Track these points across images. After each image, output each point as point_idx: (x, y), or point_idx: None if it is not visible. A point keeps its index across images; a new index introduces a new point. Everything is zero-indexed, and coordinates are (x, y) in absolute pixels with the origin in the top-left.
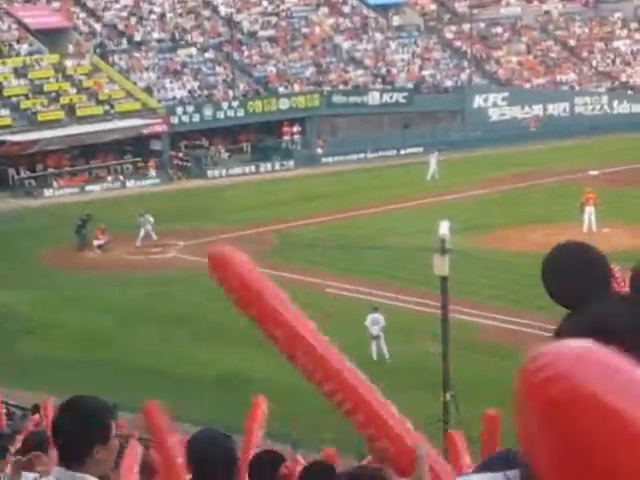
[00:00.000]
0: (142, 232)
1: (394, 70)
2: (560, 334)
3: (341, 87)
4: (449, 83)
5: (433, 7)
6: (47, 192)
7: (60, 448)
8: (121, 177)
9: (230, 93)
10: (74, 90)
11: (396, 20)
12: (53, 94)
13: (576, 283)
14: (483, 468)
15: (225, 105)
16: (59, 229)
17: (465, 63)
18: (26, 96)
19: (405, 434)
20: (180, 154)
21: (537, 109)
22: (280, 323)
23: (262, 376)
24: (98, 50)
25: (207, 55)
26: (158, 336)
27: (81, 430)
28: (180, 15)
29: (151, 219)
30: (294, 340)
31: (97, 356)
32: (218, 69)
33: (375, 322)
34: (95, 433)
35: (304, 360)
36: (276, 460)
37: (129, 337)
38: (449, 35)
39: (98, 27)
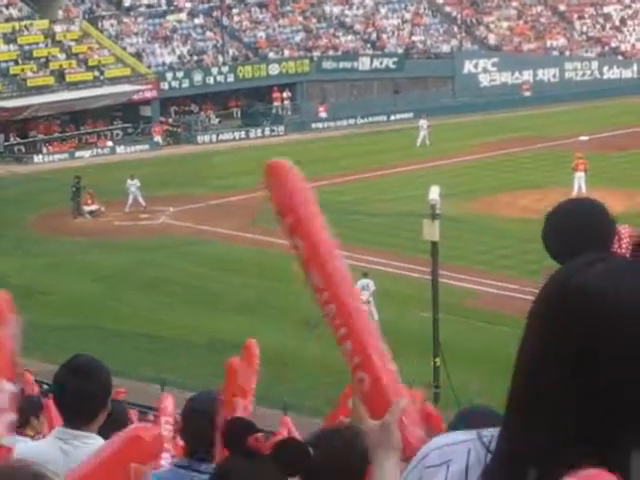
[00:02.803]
0: (130, 198)
1: (384, 35)
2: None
3: (331, 53)
4: (439, 48)
5: None
6: (36, 158)
7: (65, 408)
8: (110, 143)
9: (220, 59)
10: (63, 56)
11: None
12: (42, 60)
13: (571, 240)
14: (458, 422)
15: (215, 71)
16: (49, 195)
17: (455, 29)
18: (15, 62)
19: (386, 377)
20: (170, 120)
21: (527, 75)
22: (306, 235)
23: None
24: (87, 16)
25: (197, 21)
26: (147, 302)
27: (91, 391)
28: None
29: (138, 183)
30: (313, 255)
31: (86, 322)
32: (208, 34)
33: (365, 287)
34: (103, 394)
35: (316, 276)
36: (247, 429)
37: (118, 303)
38: (439, 0)
39: None
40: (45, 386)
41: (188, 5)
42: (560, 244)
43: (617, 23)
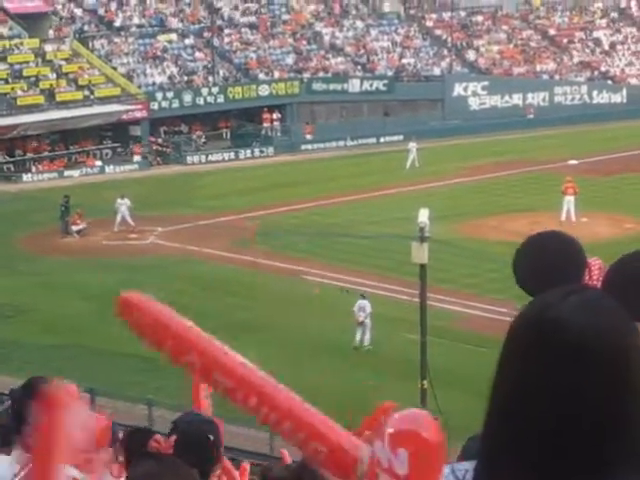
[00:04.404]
0: (119, 217)
1: (374, 58)
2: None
3: (321, 74)
4: (429, 71)
5: None
6: (26, 177)
7: (22, 432)
8: (100, 162)
9: (210, 79)
10: (54, 75)
11: (377, 8)
12: (32, 79)
13: (543, 273)
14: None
15: (205, 91)
16: (37, 214)
17: (445, 51)
18: (5, 80)
19: (336, 436)
20: (159, 140)
21: (517, 98)
22: (193, 350)
23: None
24: (78, 35)
25: (187, 41)
26: None
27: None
28: (160, 1)
29: (128, 202)
30: (210, 364)
31: (73, 341)
32: (198, 55)
33: (362, 308)
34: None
35: (225, 382)
36: (146, 434)
37: (105, 322)
38: (430, 23)
39: (78, 12)
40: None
41: (179, 25)
42: (531, 277)
43: (607, 48)
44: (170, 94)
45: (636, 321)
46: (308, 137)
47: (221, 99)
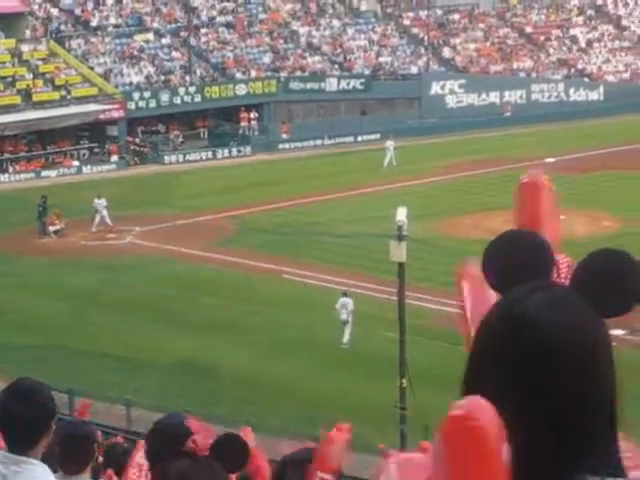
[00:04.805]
0: (97, 218)
1: (351, 57)
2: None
3: (298, 73)
4: (407, 70)
5: None
6: (3, 177)
7: (6, 433)
8: (77, 162)
9: (187, 79)
10: (30, 75)
11: (353, 6)
12: (9, 79)
13: (511, 270)
14: None
15: (182, 91)
16: (15, 214)
17: (422, 50)
18: None
19: None
20: (137, 139)
21: (494, 96)
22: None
23: (216, 362)
24: (54, 35)
25: (164, 41)
26: (113, 322)
27: (32, 416)
28: (137, 0)
29: (104, 203)
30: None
31: (51, 341)
32: (175, 54)
33: (344, 306)
34: (44, 419)
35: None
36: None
37: (83, 323)
38: (406, 22)
39: (55, 12)
40: None
41: (155, 25)
42: (500, 274)
43: (583, 45)
44: (147, 94)
45: (603, 318)
46: (284, 136)
47: (198, 98)
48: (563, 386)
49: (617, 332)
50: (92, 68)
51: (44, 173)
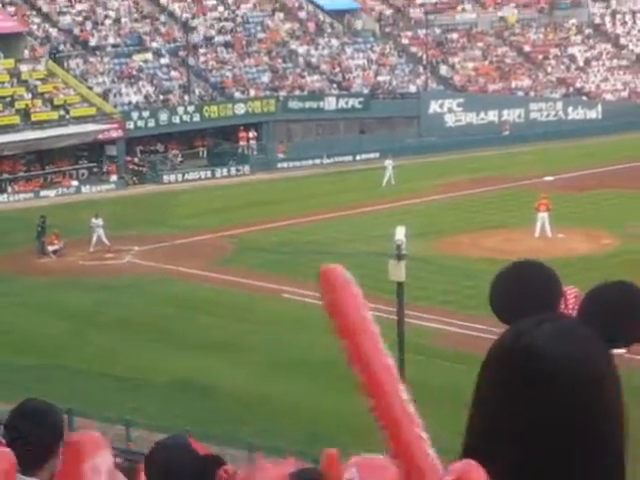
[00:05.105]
0: (95, 238)
1: (350, 76)
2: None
3: (297, 92)
4: (405, 89)
5: (389, 13)
6: (1, 197)
7: (15, 454)
8: (76, 182)
9: (186, 98)
10: (29, 95)
11: (352, 26)
12: (8, 99)
13: (518, 302)
14: None
15: (181, 110)
16: (14, 234)
17: (421, 69)
18: None
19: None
20: (135, 159)
21: (492, 115)
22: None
23: (215, 382)
24: (53, 55)
25: (163, 60)
26: (112, 342)
27: (39, 437)
28: (136, 20)
29: (101, 222)
30: (358, 356)
31: (50, 361)
32: (174, 74)
33: None
34: (52, 440)
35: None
36: (215, 463)
37: (82, 342)
38: (405, 41)
39: (53, 32)
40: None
41: (154, 45)
42: (507, 306)
43: (581, 64)
44: (146, 113)
45: (611, 349)
46: (281, 156)
47: (197, 118)
48: (570, 418)
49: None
50: (91, 88)
51: (43, 193)
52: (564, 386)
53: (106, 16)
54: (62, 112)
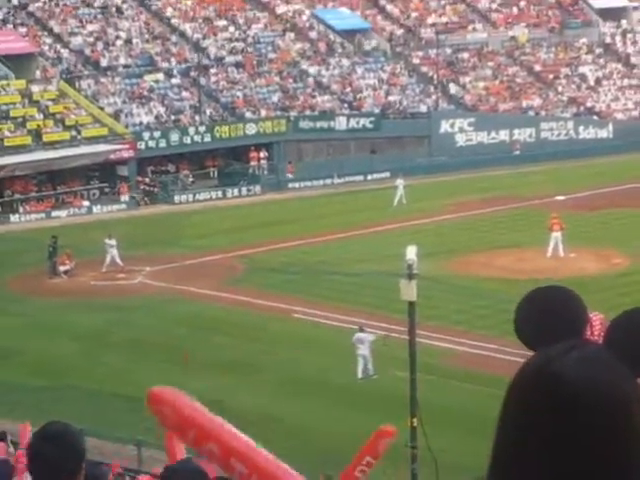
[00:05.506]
0: (108, 258)
1: (361, 95)
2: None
3: (308, 112)
4: (416, 108)
5: (400, 33)
6: (13, 218)
7: (37, 476)
8: (87, 203)
9: (197, 118)
10: (41, 115)
11: (363, 46)
12: (20, 119)
13: (545, 328)
14: None
15: (192, 130)
16: (25, 255)
17: (432, 88)
18: None
19: None
20: (147, 179)
21: (503, 134)
22: (212, 440)
23: (225, 402)
24: (65, 75)
25: (174, 80)
26: (124, 362)
27: (62, 459)
28: (147, 41)
29: (114, 242)
30: (227, 452)
31: (62, 382)
32: (185, 94)
33: (360, 341)
34: (74, 462)
35: (240, 468)
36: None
37: (94, 363)
38: (416, 60)
39: (65, 53)
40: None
41: (165, 65)
42: (533, 332)
43: (592, 83)
44: (157, 133)
45: (636, 376)
46: (289, 176)
47: (208, 138)
48: (597, 445)
49: None
50: (102, 108)
51: (54, 213)
52: (591, 412)
53: (117, 37)
54: (73, 132)
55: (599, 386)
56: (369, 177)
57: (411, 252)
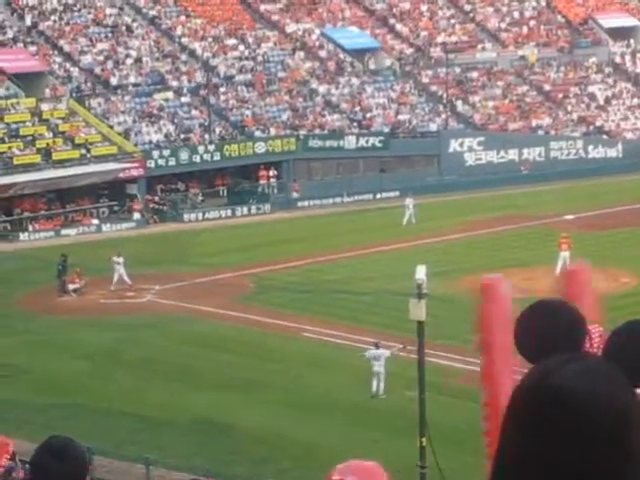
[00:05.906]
0: (116, 276)
1: (370, 114)
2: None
3: (317, 131)
4: (425, 127)
5: (409, 52)
6: (22, 236)
7: None
8: (97, 221)
9: (206, 137)
10: (50, 134)
11: (372, 64)
12: (29, 138)
13: (543, 341)
14: None
15: (201, 149)
16: (34, 273)
17: (441, 107)
18: (2, 140)
19: None
20: (156, 198)
21: (512, 154)
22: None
23: (235, 421)
24: (74, 94)
25: (183, 99)
26: (132, 380)
27: (71, 474)
28: (157, 59)
29: (121, 260)
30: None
31: (71, 400)
32: (194, 113)
33: (375, 358)
34: (83, 477)
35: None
36: None
37: (103, 381)
38: (425, 80)
39: (75, 71)
40: (27, 466)
41: (175, 84)
42: (532, 345)
43: (602, 102)
44: (167, 152)
45: (636, 387)
46: (295, 195)
47: (217, 157)
48: (597, 457)
49: None
50: (112, 127)
51: (64, 232)
52: (590, 424)
53: (127, 55)
54: (83, 151)
55: (598, 398)
56: (378, 196)
57: (420, 272)
